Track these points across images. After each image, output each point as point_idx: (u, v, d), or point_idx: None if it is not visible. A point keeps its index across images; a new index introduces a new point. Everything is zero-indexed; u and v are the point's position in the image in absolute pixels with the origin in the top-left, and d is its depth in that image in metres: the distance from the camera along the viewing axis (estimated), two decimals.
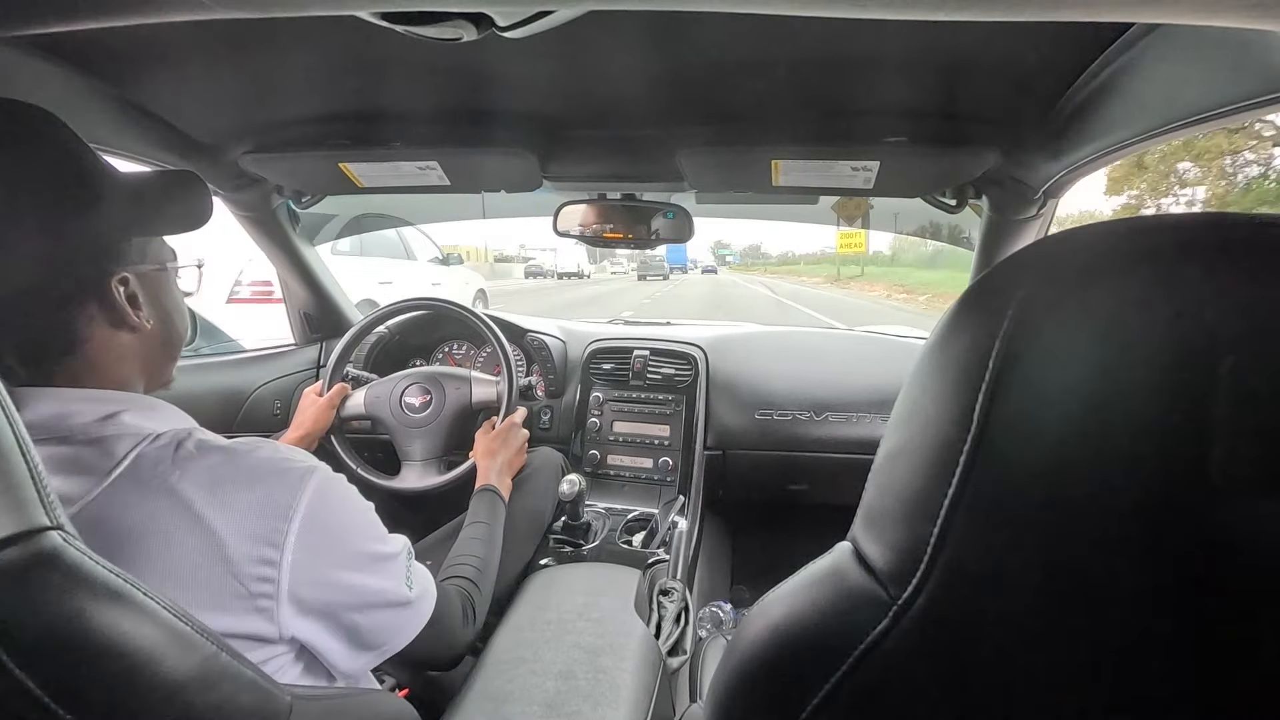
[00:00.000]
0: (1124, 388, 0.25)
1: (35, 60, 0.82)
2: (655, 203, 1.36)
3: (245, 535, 0.54)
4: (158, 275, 0.65)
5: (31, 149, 0.55)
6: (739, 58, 0.87)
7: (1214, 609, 0.25)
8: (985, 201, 1.26)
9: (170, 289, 0.67)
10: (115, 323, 0.59)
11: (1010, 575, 0.28)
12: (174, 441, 0.56)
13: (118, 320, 0.59)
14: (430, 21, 0.51)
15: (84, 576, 0.36)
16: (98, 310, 0.58)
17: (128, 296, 0.60)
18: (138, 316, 0.60)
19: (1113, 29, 0.73)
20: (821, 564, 0.37)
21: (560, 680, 0.87)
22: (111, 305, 0.59)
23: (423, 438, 1.39)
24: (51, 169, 0.55)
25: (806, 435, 1.55)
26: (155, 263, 0.65)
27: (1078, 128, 0.92)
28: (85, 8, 0.46)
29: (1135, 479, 0.24)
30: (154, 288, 0.64)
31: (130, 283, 0.60)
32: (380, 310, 1.50)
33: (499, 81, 0.97)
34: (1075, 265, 0.27)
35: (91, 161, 0.58)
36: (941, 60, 0.84)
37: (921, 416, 0.31)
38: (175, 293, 0.68)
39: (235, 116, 1.12)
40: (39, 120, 0.56)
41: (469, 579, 0.94)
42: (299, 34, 0.82)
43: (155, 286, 0.64)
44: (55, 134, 0.57)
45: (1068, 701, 0.28)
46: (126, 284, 0.60)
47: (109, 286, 0.58)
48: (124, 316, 0.59)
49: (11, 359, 0.54)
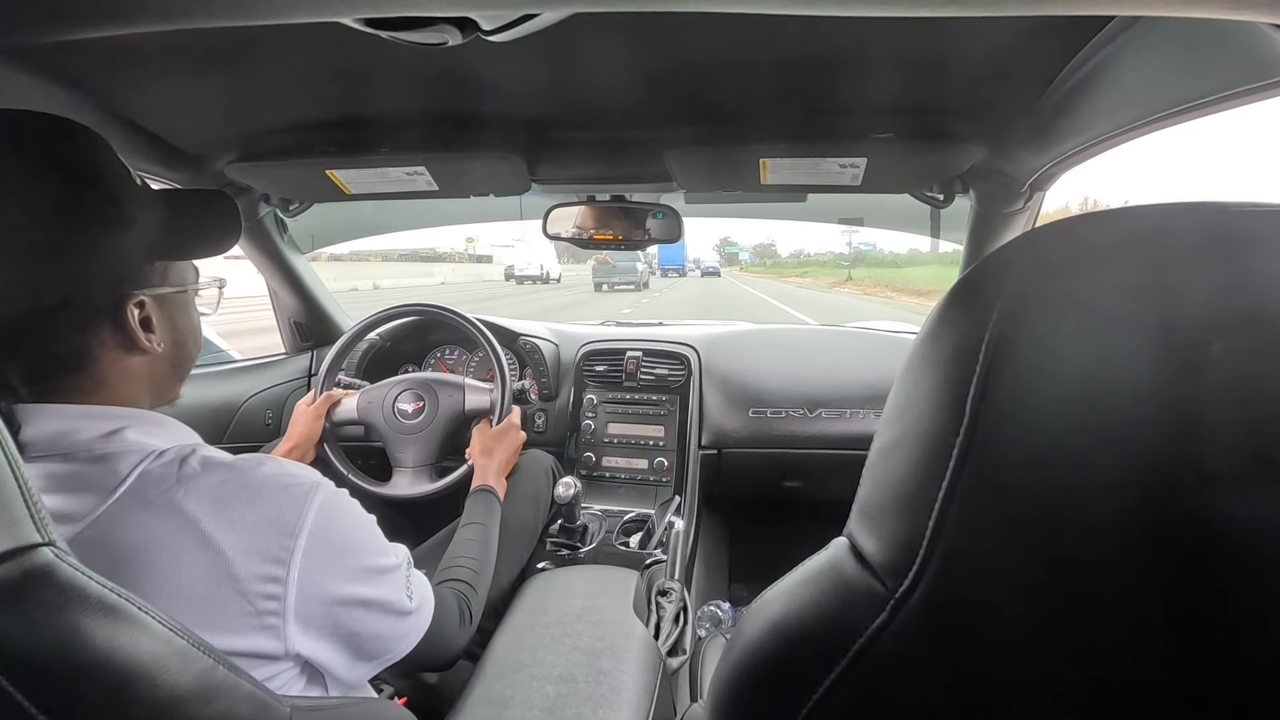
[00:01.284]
0: (1114, 376, 0.25)
1: (16, 71, 0.82)
2: (645, 203, 1.36)
3: (252, 553, 0.53)
4: (176, 297, 0.63)
5: (59, 166, 0.53)
6: (724, 57, 0.87)
7: (1207, 596, 0.25)
8: (972, 195, 1.26)
9: (187, 310, 0.66)
10: (126, 345, 0.58)
11: (1005, 566, 0.28)
12: (178, 458, 0.55)
13: (129, 344, 0.58)
14: (414, 27, 0.51)
15: (78, 592, 0.35)
16: (110, 333, 0.57)
17: (141, 320, 0.58)
18: (149, 340, 0.59)
19: (1095, 22, 0.73)
20: (818, 560, 0.37)
21: (560, 684, 0.87)
22: (124, 328, 0.57)
23: (415, 444, 1.39)
24: (79, 189, 0.54)
25: (800, 432, 1.55)
26: (175, 285, 0.63)
27: (1062, 121, 0.93)
28: (67, 19, 0.45)
29: (1126, 467, 0.25)
30: (170, 310, 0.63)
31: (146, 305, 0.59)
32: (371, 317, 1.50)
33: (485, 85, 0.97)
34: (1063, 256, 0.27)
35: (123, 183, 0.57)
36: (926, 56, 0.85)
37: (914, 410, 0.31)
38: (192, 314, 0.67)
39: (221, 125, 1.11)
40: (69, 135, 0.55)
41: (465, 581, 0.93)
42: (283, 42, 0.82)
43: (172, 308, 0.63)
44: (85, 151, 0.55)
45: (1065, 692, 0.28)
46: (142, 307, 0.58)
47: (124, 310, 0.57)
48: (136, 340, 0.58)
49: (15, 378, 0.53)
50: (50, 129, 0.54)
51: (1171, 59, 0.71)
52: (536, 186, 1.29)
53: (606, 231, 1.37)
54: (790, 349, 1.74)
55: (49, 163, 0.53)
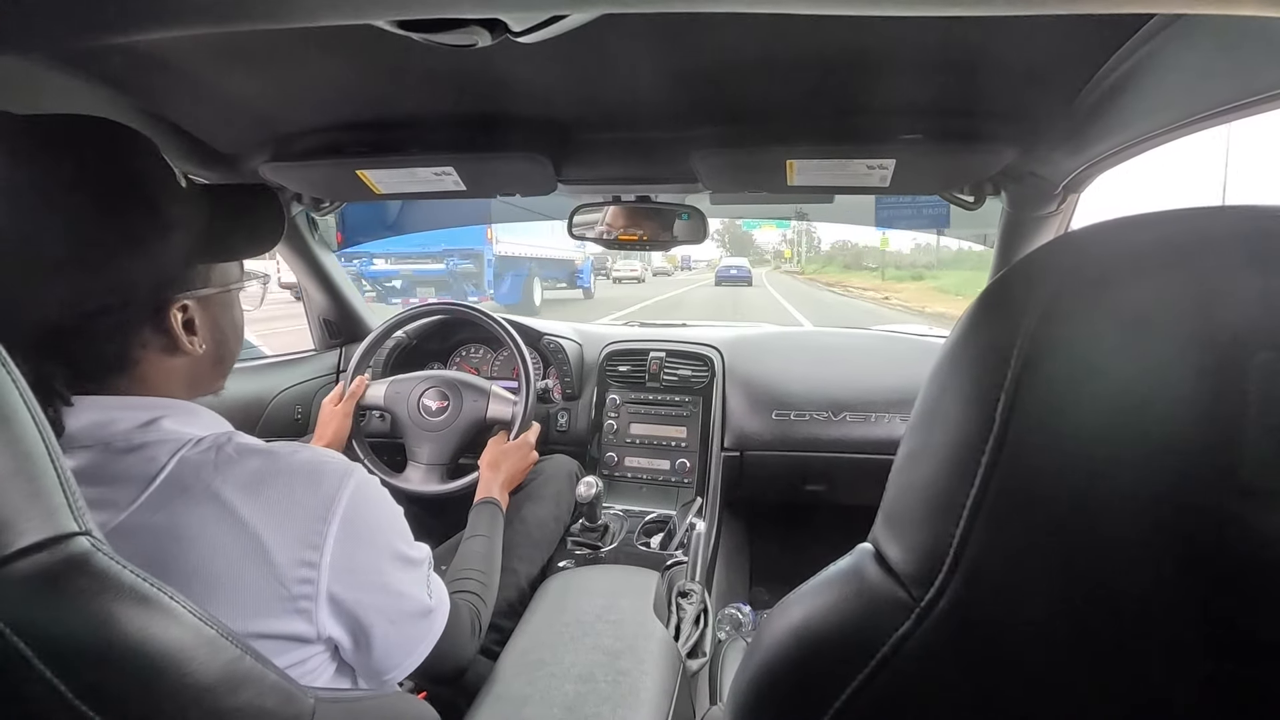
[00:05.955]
0: (1151, 386, 0.24)
1: (61, 74, 0.84)
2: (670, 204, 1.36)
3: (288, 538, 0.55)
4: (219, 297, 0.64)
5: (101, 173, 0.53)
6: (752, 58, 0.87)
7: (1242, 614, 0.24)
8: (1004, 198, 1.24)
9: (230, 309, 0.66)
10: (169, 348, 0.59)
11: (1033, 577, 0.27)
12: (214, 446, 0.56)
13: (171, 346, 0.59)
14: (445, 28, 0.52)
15: (112, 580, 0.36)
16: (151, 335, 0.58)
17: (184, 322, 0.59)
18: (191, 343, 0.60)
19: (1133, 20, 0.72)
20: (842, 565, 0.37)
21: (580, 683, 0.87)
22: (167, 332, 0.58)
23: (432, 442, 1.41)
24: (122, 195, 0.54)
25: (824, 436, 1.53)
26: (219, 285, 0.64)
27: (1098, 122, 0.91)
28: (108, 23, 0.47)
29: (1163, 480, 0.24)
30: (214, 310, 0.63)
31: (190, 309, 0.60)
32: (399, 315, 1.52)
33: (513, 86, 0.98)
34: (1101, 261, 0.27)
35: (166, 185, 0.57)
36: (958, 56, 0.83)
37: (941, 416, 0.30)
38: (235, 312, 0.67)
39: (255, 126, 1.14)
40: (112, 139, 0.55)
41: (475, 593, 0.93)
42: (317, 44, 0.83)
43: (215, 309, 0.64)
44: (127, 155, 0.56)
45: (1091, 707, 0.28)
46: (185, 310, 0.59)
47: (167, 315, 0.58)
48: (179, 343, 0.59)
49: (59, 382, 0.53)
50: (92, 132, 0.54)
51: (1212, 59, 0.69)
52: (562, 187, 1.30)
53: (632, 232, 1.37)
54: (815, 351, 1.73)
55: (91, 168, 0.53)
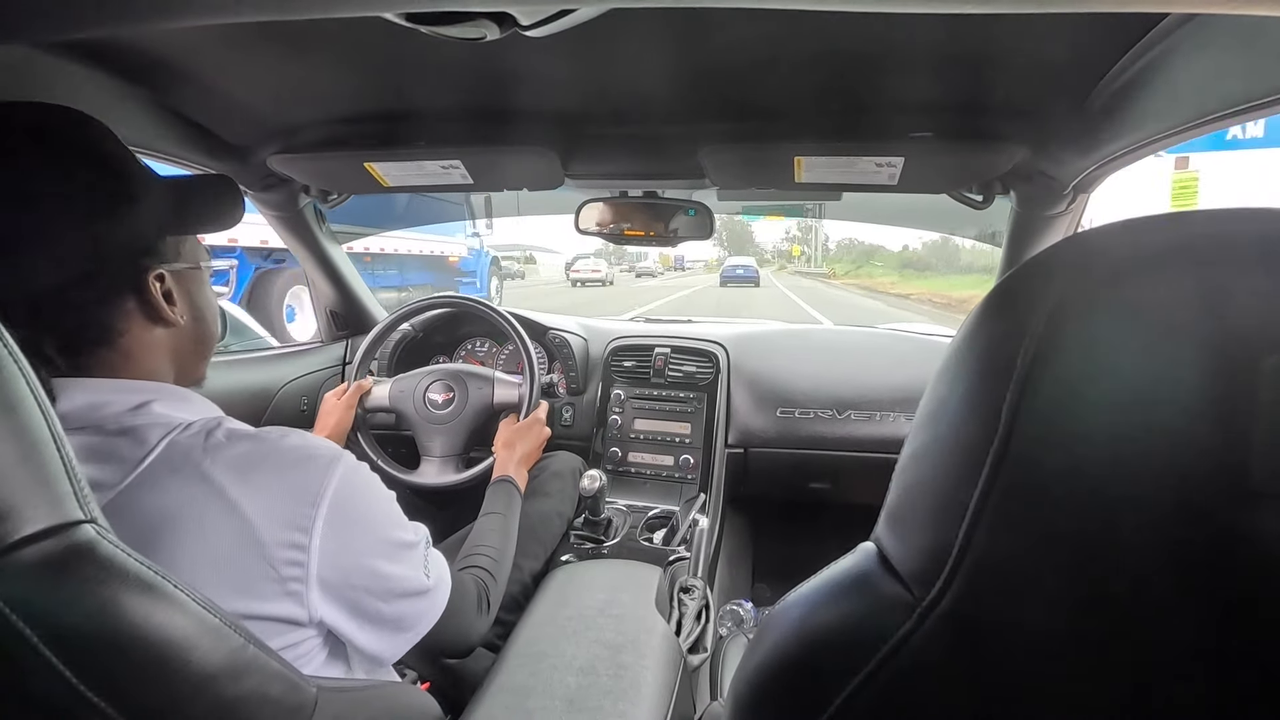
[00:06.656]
0: (1161, 388, 0.24)
1: (72, 65, 0.84)
2: (677, 200, 1.36)
3: (276, 519, 0.55)
4: (192, 273, 0.67)
5: (72, 149, 0.57)
6: (761, 54, 0.86)
7: (1250, 618, 0.24)
8: (1013, 197, 1.23)
9: (203, 287, 0.70)
10: (151, 317, 0.62)
11: (1038, 579, 0.27)
12: (204, 430, 0.57)
13: (153, 315, 0.62)
14: (454, 21, 0.52)
15: (117, 568, 0.37)
16: (135, 304, 0.61)
17: (163, 293, 0.62)
18: (172, 312, 0.63)
19: (1146, 20, 0.71)
20: (844, 563, 0.37)
21: (581, 675, 0.88)
22: (147, 300, 0.61)
23: (443, 434, 1.41)
24: (92, 169, 0.58)
25: (828, 434, 1.53)
26: (190, 261, 0.67)
27: (1110, 121, 0.90)
28: (117, 13, 0.47)
29: (1171, 483, 0.24)
30: (188, 285, 0.66)
31: (166, 279, 0.62)
32: (405, 308, 1.53)
33: (521, 80, 0.98)
34: (1108, 263, 0.27)
35: (129, 162, 0.61)
36: (968, 54, 0.83)
37: (947, 415, 0.30)
38: (207, 292, 0.71)
39: (264, 118, 1.14)
40: (78, 122, 0.59)
41: (485, 569, 0.95)
42: (326, 37, 0.83)
43: (189, 284, 0.67)
44: (94, 136, 0.59)
45: (1092, 708, 0.28)
46: (162, 280, 0.62)
47: (146, 282, 0.61)
48: (159, 311, 0.62)
49: (51, 349, 0.56)
50: (62, 115, 0.58)
51: (1226, 58, 0.68)
52: (569, 181, 1.30)
53: (638, 227, 1.37)
54: (820, 349, 1.72)
55: (65, 146, 0.57)
